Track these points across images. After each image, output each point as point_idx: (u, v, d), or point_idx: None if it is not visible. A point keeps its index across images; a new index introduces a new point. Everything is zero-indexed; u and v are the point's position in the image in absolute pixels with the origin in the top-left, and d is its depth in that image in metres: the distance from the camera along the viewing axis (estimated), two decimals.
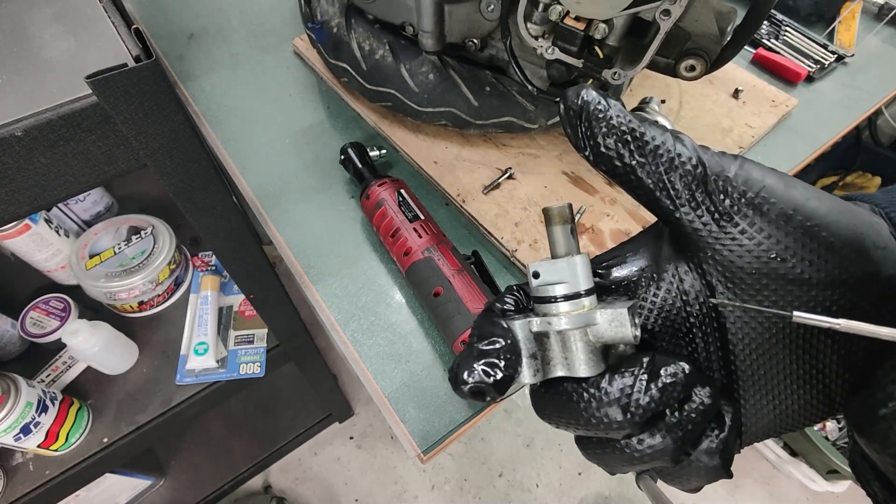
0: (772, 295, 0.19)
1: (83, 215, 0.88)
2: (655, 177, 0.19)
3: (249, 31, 0.73)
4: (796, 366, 0.20)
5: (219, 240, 0.48)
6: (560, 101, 0.21)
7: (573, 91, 0.20)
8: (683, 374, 0.18)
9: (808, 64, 0.70)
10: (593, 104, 0.20)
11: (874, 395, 0.17)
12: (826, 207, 0.18)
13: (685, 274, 0.21)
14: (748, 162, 0.19)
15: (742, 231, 0.19)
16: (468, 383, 0.20)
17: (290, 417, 1.27)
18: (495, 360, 0.20)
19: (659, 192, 0.20)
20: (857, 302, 0.19)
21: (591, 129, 0.20)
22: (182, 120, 0.34)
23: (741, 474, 1.29)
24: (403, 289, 0.49)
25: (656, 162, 0.19)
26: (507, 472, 1.31)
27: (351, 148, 0.54)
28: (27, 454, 0.72)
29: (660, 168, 0.19)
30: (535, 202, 0.53)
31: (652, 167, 0.19)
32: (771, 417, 0.21)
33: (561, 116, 0.21)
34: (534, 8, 0.41)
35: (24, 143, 0.29)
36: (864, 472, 0.19)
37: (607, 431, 0.19)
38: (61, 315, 0.76)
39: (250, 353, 0.82)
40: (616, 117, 0.19)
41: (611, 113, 0.19)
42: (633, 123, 0.19)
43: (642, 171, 0.19)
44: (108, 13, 0.34)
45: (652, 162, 0.19)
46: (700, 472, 0.20)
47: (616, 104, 0.20)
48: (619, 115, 0.19)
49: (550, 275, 0.21)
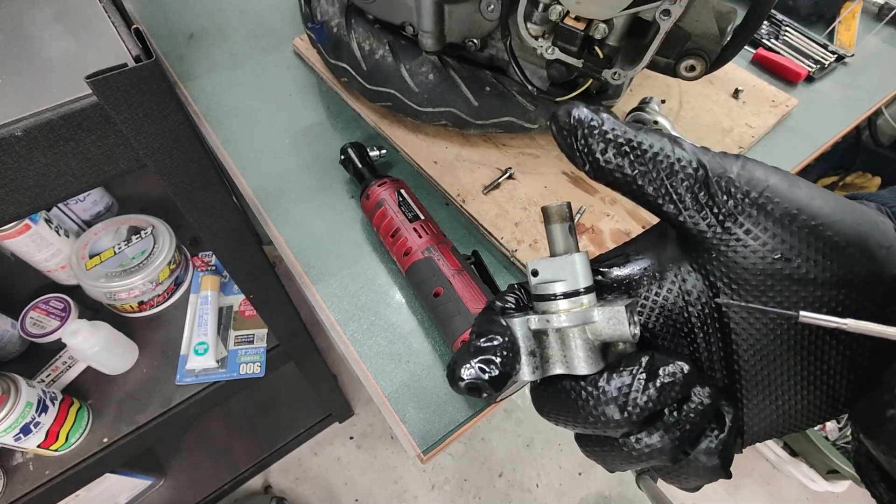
0: (777, 296, 0.19)
1: (83, 215, 0.88)
2: (657, 184, 0.19)
3: (249, 31, 0.73)
4: (801, 367, 0.20)
5: (219, 240, 0.48)
6: (551, 122, 0.20)
7: (563, 111, 0.20)
8: (682, 373, 0.18)
9: (808, 64, 0.70)
10: (586, 120, 0.20)
11: (881, 397, 0.17)
12: (830, 206, 0.18)
13: (688, 274, 0.21)
14: (750, 161, 0.19)
15: (747, 231, 0.19)
16: (464, 379, 0.20)
17: (290, 417, 1.27)
18: (492, 356, 0.20)
19: (662, 199, 0.19)
20: (862, 302, 0.19)
21: (588, 145, 0.20)
22: (182, 120, 0.34)
23: (741, 474, 1.29)
24: (403, 289, 0.49)
25: (657, 169, 0.19)
26: (507, 472, 1.31)
27: (351, 148, 0.54)
28: (27, 454, 0.72)
29: (661, 175, 0.19)
30: (535, 202, 0.53)
31: (653, 175, 0.19)
32: (774, 418, 0.21)
33: (555, 136, 0.21)
34: (534, 8, 0.41)
35: (24, 143, 0.29)
36: (870, 473, 0.19)
37: (605, 430, 0.19)
38: (61, 315, 0.76)
39: (250, 353, 0.82)
40: (611, 130, 0.19)
41: (605, 126, 0.19)
42: (628, 133, 0.19)
43: (643, 179, 0.19)
44: (108, 13, 0.34)
45: (652, 169, 0.19)
46: (698, 472, 0.20)
47: (608, 117, 0.20)
48: (614, 127, 0.19)
49: (549, 273, 0.21)
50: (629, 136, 0.19)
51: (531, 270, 0.21)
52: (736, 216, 0.19)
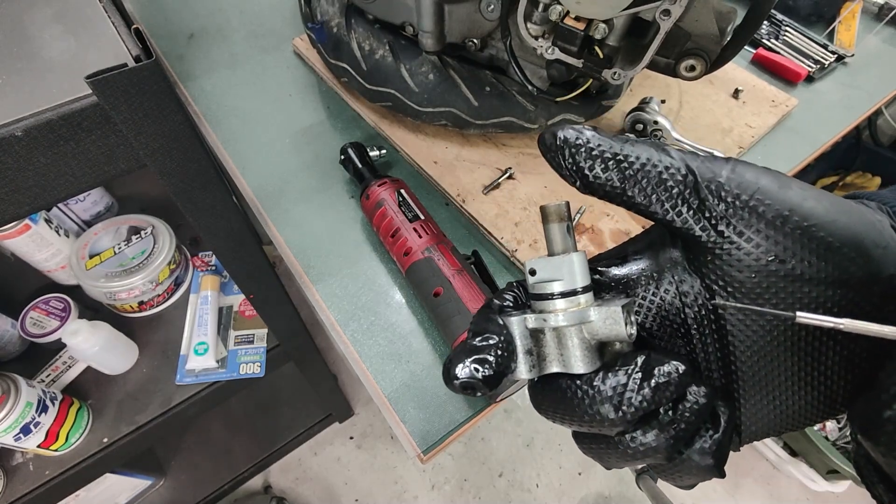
0: (773, 297, 0.19)
1: (83, 215, 0.88)
2: (647, 192, 0.20)
3: (249, 31, 0.73)
4: (798, 367, 0.20)
5: (219, 240, 0.48)
6: (539, 144, 0.21)
7: (548, 132, 0.20)
8: (678, 373, 0.19)
9: (808, 64, 0.70)
10: (571, 139, 0.20)
11: (879, 397, 0.17)
12: (823, 207, 0.18)
13: (685, 275, 0.21)
14: (741, 164, 0.19)
15: (740, 234, 0.19)
16: (459, 378, 0.20)
17: (290, 417, 1.27)
18: (487, 355, 0.20)
19: (654, 207, 0.20)
20: (859, 302, 0.19)
21: (576, 163, 0.20)
22: (182, 120, 0.34)
23: (741, 474, 1.29)
24: (403, 289, 0.49)
25: (646, 179, 0.19)
26: (507, 472, 1.31)
27: (351, 148, 0.54)
28: (27, 454, 0.72)
29: (650, 184, 0.19)
30: (534, 202, 0.53)
31: (642, 184, 0.20)
32: (771, 417, 0.21)
33: (544, 156, 0.21)
34: (534, 8, 0.41)
35: (24, 143, 0.29)
36: (869, 474, 0.19)
37: (600, 428, 0.19)
38: (61, 315, 0.76)
39: (250, 353, 0.82)
40: (597, 146, 0.20)
41: (591, 143, 0.20)
42: (614, 147, 0.20)
43: (633, 190, 0.20)
44: (108, 13, 0.34)
45: (641, 179, 0.19)
46: (692, 471, 0.20)
47: (593, 133, 0.20)
48: (600, 142, 0.20)
49: (547, 272, 0.21)
50: (615, 150, 0.20)
51: (529, 269, 0.21)
52: (728, 219, 0.19)
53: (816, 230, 0.18)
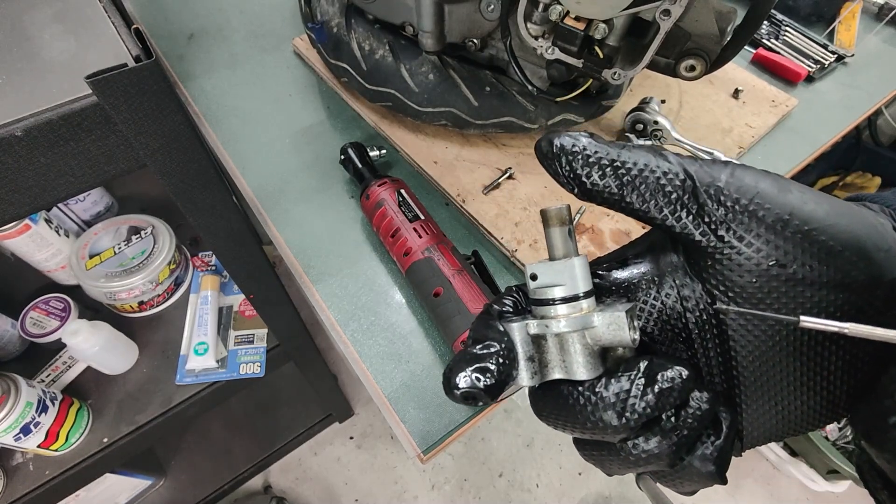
0: (774, 301, 0.19)
1: (83, 215, 0.88)
2: (646, 198, 0.19)
3: (249, 31, 0.73)
4: (800, 372, 0.20)
5: (219, 240, 0.48)
6: (535, 151, 0.21)
7: (545, 140, 0.20)
8: (681, 379, 0.18)
9: (808, 64, 0.70)
10: (568, 147, 0.20)
11: (882, 403, 0.17)
12: (824, 210, 0.18)
13: (686, 279, 0.21)
14: (740, 168, 0.19)
15: (740, 238, 0.19)
16: (460, 388, 0.19)
17: (290, 417, 1.27)
18: (488, 364, 0.20)
19: (652, 213, 0.19)
20: (861, 306, 0.19)
21: (573, 170, 0.20)
22: (182, 120, 0.34)
23: (741, 474, 1.29)
24: (403, 289, 0.49)
25: (644, 184, 0.19)
26: (507, 472, 1.31)
27: (351, 148, 0.54)
28: (27, 454, 0.72)
29: (648, 189, 0.19)
30: (535, 202, 0.53)
31: (640, 190, 0.19)
32: (773, 423, 0.21)
33: (541, 163, 0.21)
34: (534, 8, 0.41)
35: (24, 143, 0.29)
36: (873, 480, 0.19)
37: (603, 435, 0.19)
38: (61, 315, 0.76)
39: (250, 353, 0.82)
40: (595, 153, 0.19)
41: (588, 150, 0.20)
42: (611, 154, 0.19)
43: (631, 196, 0.19)
44: (108, 13, 0.34)
45: (640, 185, 0.19)
46: (694, 477, 0.20)
47: (589, 140, 0.20)
48: (597, 149, 0.19)
49: (548, 277, 0.20)
50: (612, 156, 0.19)
51: (530, 274, 0.21)
52: (728, 224, 0.19)
53: (817, 234, 0.18)
